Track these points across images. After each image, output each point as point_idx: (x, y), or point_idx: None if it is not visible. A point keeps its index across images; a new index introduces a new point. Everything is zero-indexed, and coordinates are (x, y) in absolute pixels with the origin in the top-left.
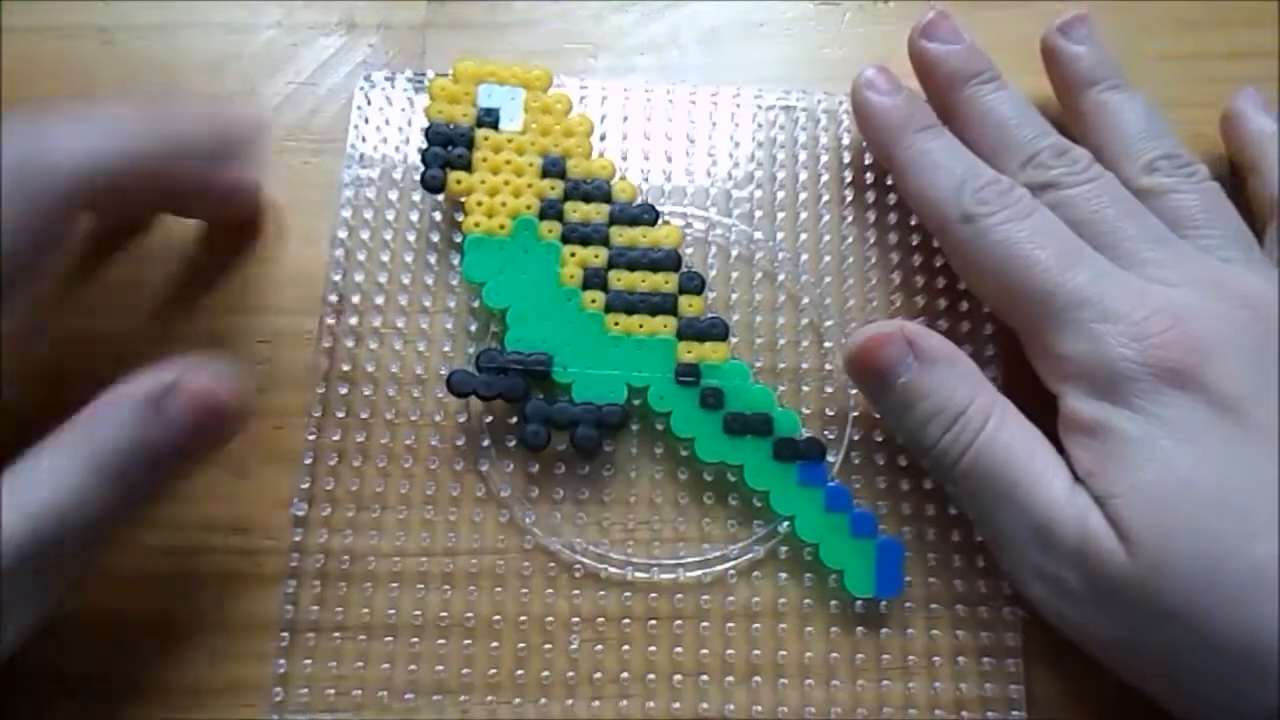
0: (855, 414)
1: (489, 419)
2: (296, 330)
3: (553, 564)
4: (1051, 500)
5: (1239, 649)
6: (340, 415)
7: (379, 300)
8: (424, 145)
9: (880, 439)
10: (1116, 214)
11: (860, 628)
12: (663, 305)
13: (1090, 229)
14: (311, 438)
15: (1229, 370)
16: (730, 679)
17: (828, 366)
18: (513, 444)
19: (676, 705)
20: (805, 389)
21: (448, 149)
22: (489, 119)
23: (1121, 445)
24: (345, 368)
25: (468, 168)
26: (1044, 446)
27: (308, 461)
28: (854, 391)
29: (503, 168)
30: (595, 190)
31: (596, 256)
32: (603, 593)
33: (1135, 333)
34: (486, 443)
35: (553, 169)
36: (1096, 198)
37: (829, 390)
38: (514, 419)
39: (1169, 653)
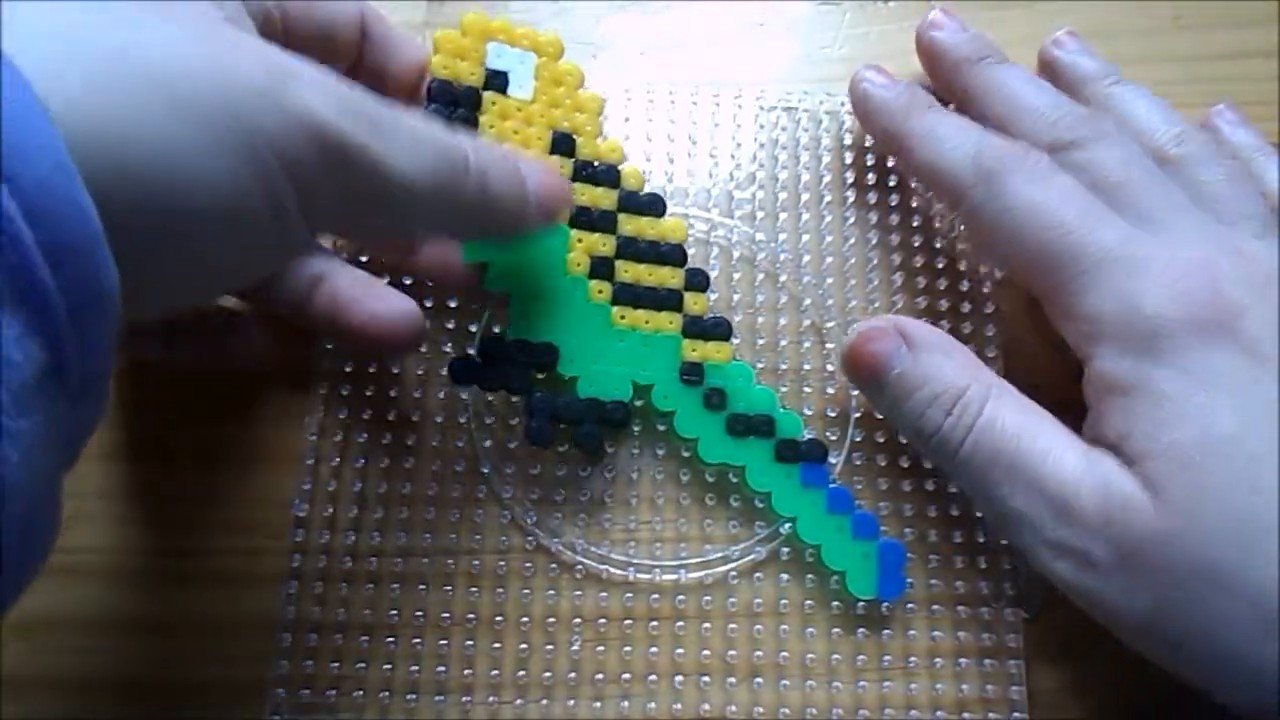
0: (857, 415)
1: (490, 420)
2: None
3: (554, 564)
4: (1064, 473)
5: (1273, 604)
6: (342, 415)
7: None
8: (427, 105)
9: (882, 440)
10: (1142, 176)
11: (862, 629)
12: (668, 300)
13: (1113, 191)
14: (313, 438)
15: (1262, 322)
16: (732, 680)
17: (829, 368)
18: (514, 445)
19: (678, 706)
20: (807, 390)
21: (452, 110)
22: (497, 82)
23: (1157, 403)
24: (346, 368)
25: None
26: (1049, 421)
27: (309, 461)
28: (855, 393)
29: (510, 138)
30: (604, 174)
31: (604, 244)
32: (604, 593)
33: (1169, 288)
34: (489, 443)
35: (562, 145)
36: (1124, 160)
37: (831, 391)
38: (515, 420)
39: (1200, 615)
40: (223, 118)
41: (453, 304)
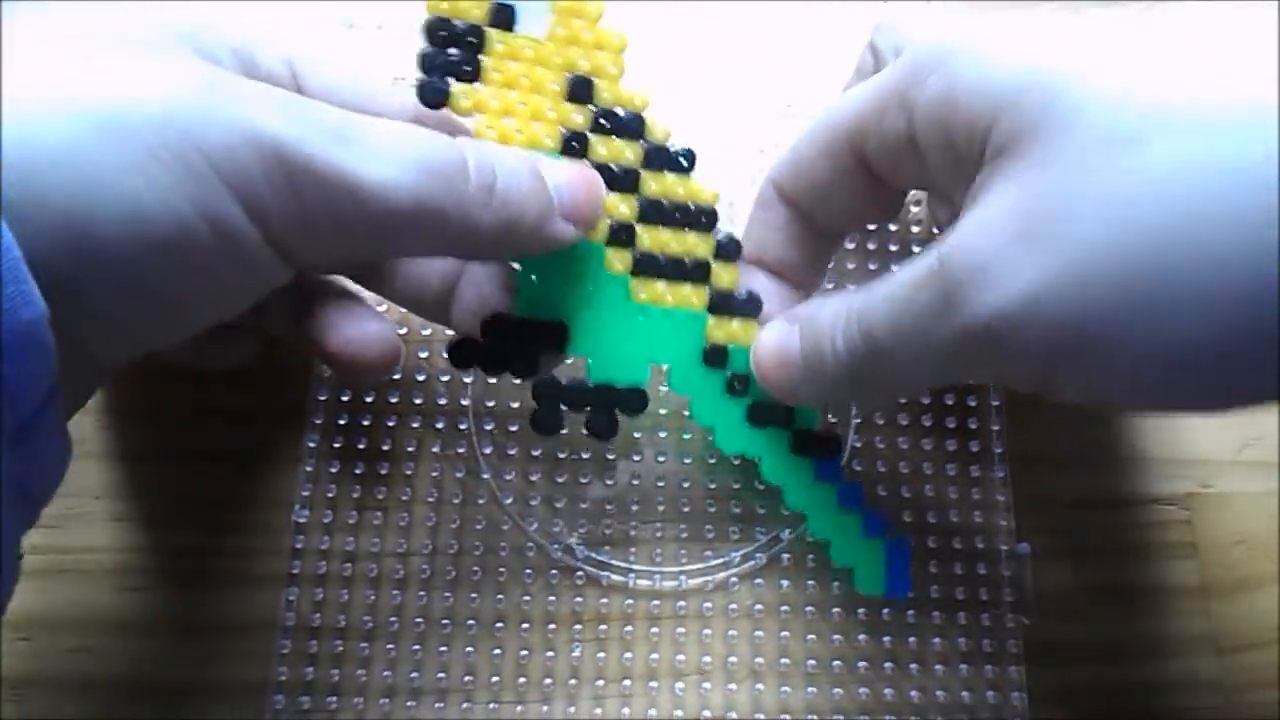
0: (857, 420)
1: (490, 425)
2: None
3: (555, 570)
4: None
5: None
6: (341, 421)
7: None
8: (422, 46)
9: (882, 445)
10: None
11: (862, 634)
12: (695, 273)
13: None
14: (312, 444)
15: None
16: (732, 686)
17: None
18: (514, 450)
19: (679, 713)
20: None
21: (451, 52)
22: (504, 16)
23: None
24: None
25: (475, 78)
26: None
27: (308, 467)
28: None
29: (518, 83)
30: (627, 124)
31: (625, 207)
32: (605, 599)
33: None
34: (489, 449)
35: (579, 91)
36: None
37: None
38: (515, 427)
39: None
40: (151, 133)
41: None
